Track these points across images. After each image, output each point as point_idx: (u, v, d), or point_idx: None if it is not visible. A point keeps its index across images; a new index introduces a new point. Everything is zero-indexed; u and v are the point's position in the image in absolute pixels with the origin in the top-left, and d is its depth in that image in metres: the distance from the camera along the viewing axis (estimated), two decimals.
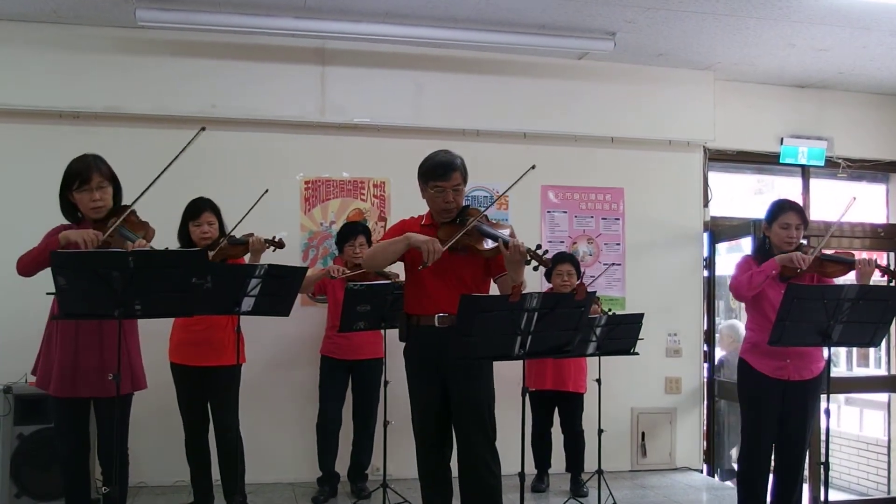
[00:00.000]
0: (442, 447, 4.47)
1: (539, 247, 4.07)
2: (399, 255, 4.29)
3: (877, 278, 4.91)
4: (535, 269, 4.09)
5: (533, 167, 4.47)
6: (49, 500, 5.46)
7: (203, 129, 4.33)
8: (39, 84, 6.40)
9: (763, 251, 5.12)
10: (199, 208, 5.39)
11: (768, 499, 5.12)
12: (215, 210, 5.43)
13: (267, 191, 5.29)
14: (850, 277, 5.12)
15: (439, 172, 4.30)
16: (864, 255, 5.44)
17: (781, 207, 5.06)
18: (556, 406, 6.44)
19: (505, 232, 4.22)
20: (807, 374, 4.95)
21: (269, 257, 5.17)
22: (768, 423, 4.99)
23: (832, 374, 4.92)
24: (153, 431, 6.07)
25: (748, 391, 5.08)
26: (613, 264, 7.31)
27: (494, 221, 4.43)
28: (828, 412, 4.70)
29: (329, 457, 6.11)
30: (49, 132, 6.42)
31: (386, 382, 5.71)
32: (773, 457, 5.08)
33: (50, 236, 4.22)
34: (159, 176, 4.17)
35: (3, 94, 6.34)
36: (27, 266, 4.18)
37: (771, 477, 5.09)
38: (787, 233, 4.98)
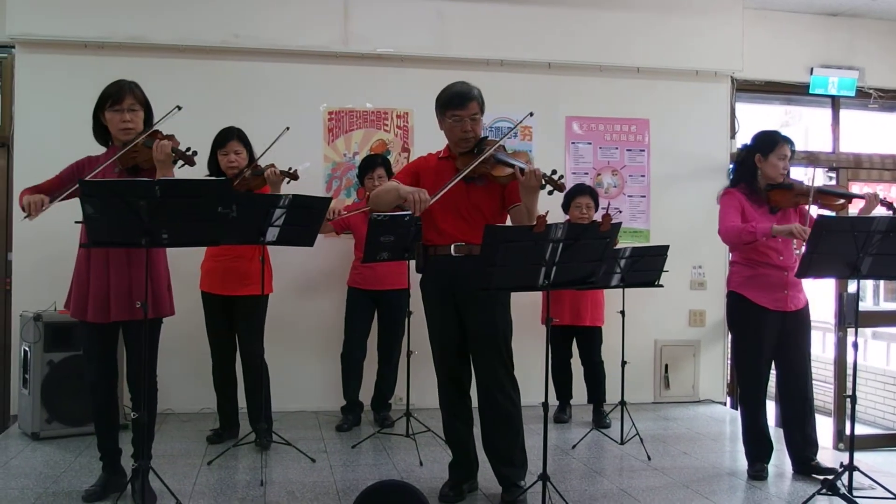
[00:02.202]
0: (461, 377, 4.51)
1: (555, 171, 4.08)
2: (393, 204, 4.38)
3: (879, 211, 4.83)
4: (550, 193, 4.10)
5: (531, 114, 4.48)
6: (79, 426, 5.57)
7: (179, 107, 4.31)
8: (65, 15, 6.39)
9: (751, 182, 5.04)
10: (227, 137, 5.42)
11: (782, 432, 5.17)
12: (243, 139, 5.44)
13: (287, 128, 5.29)
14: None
15: (457, 101, 4.32)
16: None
17: (776, 140, 4.96)
18: (575, 339, 6.48)
19: (521, 160, 4.23)
20: (798, 303, 4.98)
21: (285, 188, 5.18)
22: (767, 353, 5.01)
23: (860, 309, 4.90)
24: (181, 359, 6.17)
25: (747, 324, 5.04)
26: (633, 196, 7.27)
27: (512, 152, 4.42)
28: (855, 345, 4.68)
29: (353, 386, 6.18)
30: (74, 62, 6.43)
31: (409, 313, 5.75)
32: (774, 389, 5.11)
33: (64, 172, 4.28)
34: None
35: (28, 24, 6.33)
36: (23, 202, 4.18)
37: (778, 409, 5.12)
38: (783, 164, 4.94)
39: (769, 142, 4.98)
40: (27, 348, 5.69)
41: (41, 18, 6.34)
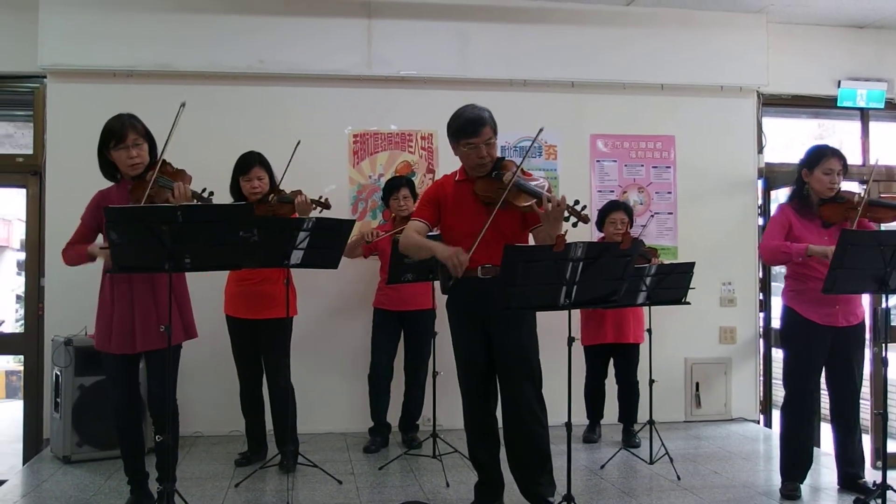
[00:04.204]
0: (487, 397, 4.50)
1: (577, 202, 4.04)
2: (426, 258, 4.43)
3: None
4: (575, 225, 4.06)
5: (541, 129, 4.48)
6: (109, 449, 5.56)
7: (183, 104, 4.33)
8: (94, 44, 6.51)
9: (802, 197, 5.02)
10: (249, 163, 5.44)
11: (833, 450, 5.11)
12: (265, 165, 5.47)
13: (299, 142, 5.31)
14: None
15: (469, 130, 4.29)
16: None
17: (824, 153, 4.93)
18: (612, 357, 6.44)
19: (541, 185, 4.21)
20: (853, 319, 4.91)
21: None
22: (816, 370, 4.94)
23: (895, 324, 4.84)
24: (210, 382, 6.25)
25: (797, 339, 4.99)
26: (660, 213, 7.25)
27: (528, 172, 4.40)
28: (885, 361, 4.62)
29: (381, 407, 6.18)
30: (104, 91, 6.51)
31: (434, 333, 5.76)
32: (818, 405, 5.05)
33: (86, 216, 4.41)
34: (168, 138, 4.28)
35: (59, 55, 6.47)
36: (70, 261, 4.42)
37: (831, 427, 5.06)
38: (829, 178, 4.87)
39: (815, 156, 4.96)
40: (58, 372, 5.76)
41: (72, 49, 6.47)
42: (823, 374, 5.01)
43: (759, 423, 7.38)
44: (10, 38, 6.61)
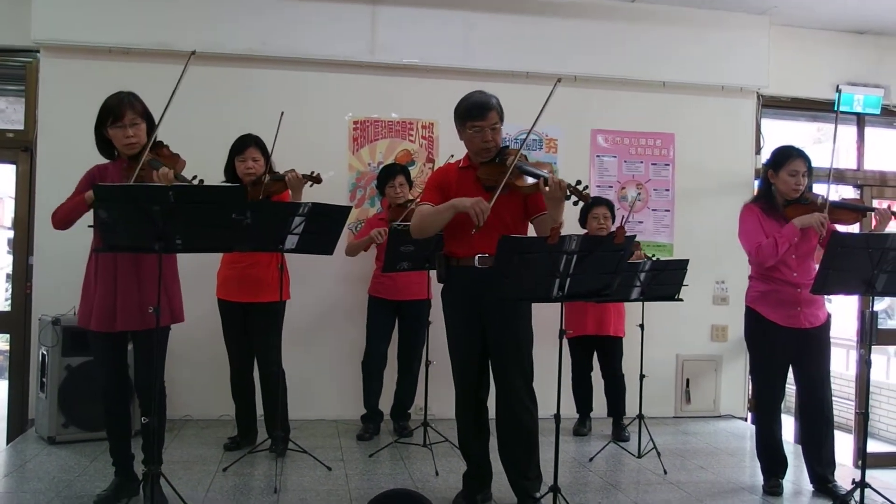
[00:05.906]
0: (479, 388, 4.49)
1: (579, 182, 4.05)
2: (447, 221, 4.28)
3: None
4: (575, 203, 4.10)
5: (559, 80, 4.39)
6: (95, 430, 5.54)
7: (193, 52, 4.29)
8: (90, 20, 6.45)
9: (768, 198, 5.02)
10: (245, 144, 5.44)
11: (801, 449, 5.17)
12: (261, 146, 5.46)
13: (283, 113, 5.23)
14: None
15: (476, 112, 4.31)
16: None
17: (790, 154, 4.92)
18: (596, 350, 6.45)
19: (545, 170, 4.22)
20: (816, 321, 4.91)
21: (310, 192, 5.22)
22: (781, 370, 4.98)
23: (883, 327, 4.85)
24: (201, 366, 6.23)
25: (761, 340, 5.03)
26: (657, 210, 7.25)
27: (535, 162, 4.41)
28: (868, 362, 4.65)
29: (373, 395, 6.18)
30: (99, 68, 6.46)
31: (429, 323, 5.75)
32: (789, 404, 5.06)
33: (81, 186, 4.31)
34: (166, 108, 4.22)
35: (53, 30, 6.40)
36: (62, 220, 4.28)
37: (797, 425, 5.09)
38: (795, 180, 4.87)
39: (780, 157, 4.96)
40: (45, 352, 5.72)
41: (66, 24, 6.40)
42: (793, 375, 5.04)
43: (746, 420, 7.41)
44: (2, 10, 6.55)
